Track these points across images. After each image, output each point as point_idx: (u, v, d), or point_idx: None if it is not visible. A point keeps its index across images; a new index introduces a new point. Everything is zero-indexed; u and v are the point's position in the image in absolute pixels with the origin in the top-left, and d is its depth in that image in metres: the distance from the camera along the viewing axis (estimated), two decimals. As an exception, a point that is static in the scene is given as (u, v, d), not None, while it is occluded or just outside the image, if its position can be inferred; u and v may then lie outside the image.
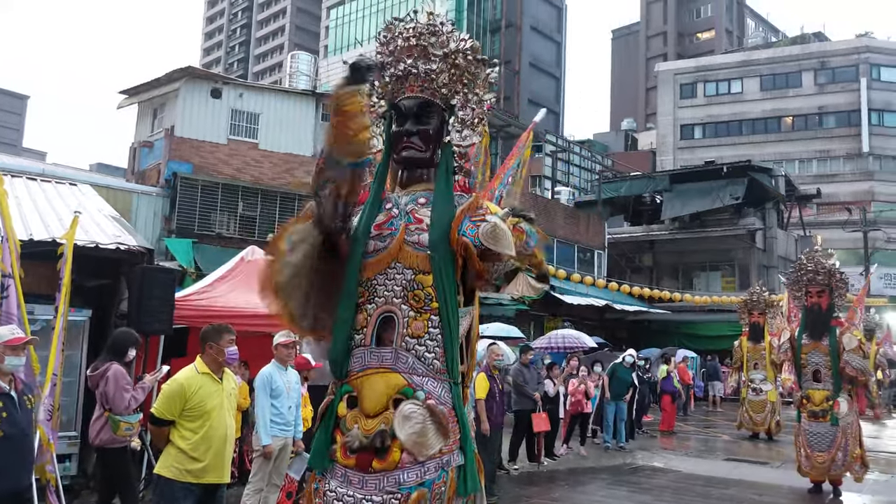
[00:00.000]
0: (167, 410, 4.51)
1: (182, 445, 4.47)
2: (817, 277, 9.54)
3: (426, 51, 3.12)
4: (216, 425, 4.53)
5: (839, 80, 44.29)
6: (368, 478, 2.74)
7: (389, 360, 2.85)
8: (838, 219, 36.06)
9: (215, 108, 19.21)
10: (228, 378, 4.81)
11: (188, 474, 4.45)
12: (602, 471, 10.87)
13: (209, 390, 4.59)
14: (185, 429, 4.50)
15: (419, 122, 3.11)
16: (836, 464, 9.17)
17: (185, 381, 4.56)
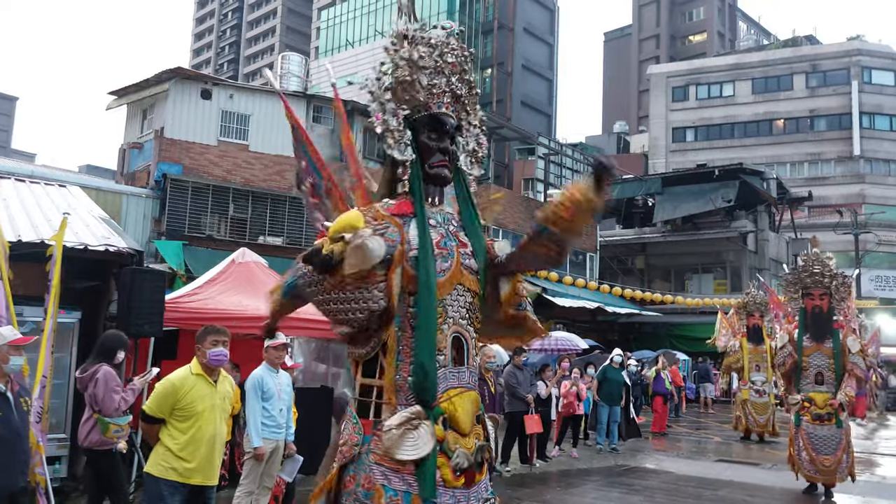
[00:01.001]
0: (158, 409, 4.51)
1: (170, 445, 4.47)
2: (823, 280, 9.50)
3: (464, 75, 3.23)
4: (206, 427, 4.51)
5: (830, 83, 44.53)
6: (471, 493, 2.93)
7: (466, 380, 3.02)
8: (829, 221, 36.25)
9: (205, 110, 19.13)
10: (224, 381, 4.78)
11: (175, 473, 4.43)
12: (594, 472, 10.87)
13: (201, 392, 4.57)
14: (174, 428, 4.49)
15: (451, 141, 3.17)
16: (841, 466, 9.16)
17: (178, 381, 4.55)
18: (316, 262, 2.84)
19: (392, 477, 2.81)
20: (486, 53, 48.10)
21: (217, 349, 4.64)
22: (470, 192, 3.25)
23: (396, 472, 2.82)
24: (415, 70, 3.07)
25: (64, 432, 7.44)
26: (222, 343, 4.67)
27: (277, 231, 18.04)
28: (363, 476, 2.84)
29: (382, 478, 2.81)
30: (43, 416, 5.87)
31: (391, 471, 2.82)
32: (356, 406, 3.01)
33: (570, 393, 12.02)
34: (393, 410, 2.88)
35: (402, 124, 3.08)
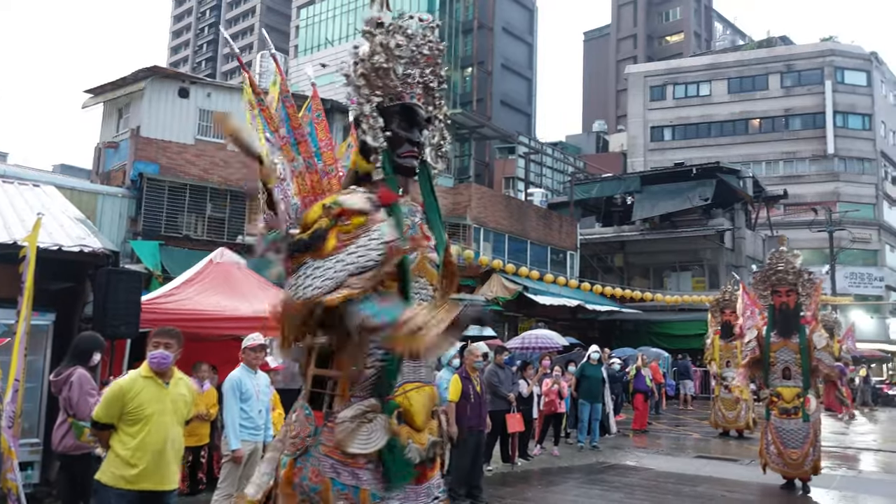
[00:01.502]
0: (105, 414, 4.36)
1: (119, 450, 4.33)
2: (787, 277, 9.72)
3: (437, 68, 3.21)
4: (155, 431, 4.37)
5: (805, 82, 45.13)
6: (420, 489, 2.90)
7: (424, 375, 2.98)
8: (804, 219, 36.76)
9: (182, 108, 18.94)
10: (178, 384, 4.61)
11: (123, 480, 4.29)
12: (575, 470, 10.90)
13: (150, 395, 4.41)
14: (124, 433, 4.36)
15: (420, 133, 3.16)
16: (808, 459, 9.31)
17: (125, 385, 4.40)
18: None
19: (342, 470, 2.77)
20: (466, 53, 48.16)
21: (157, 351, 4.44)
22: (433, 186, 3.23)
23: (346, 465, 2.78)
24: (391, 58, 3.05)
25: (37, 437, 7.32)
26: (164, 345, 4.46)
27: (257, 231, 17.86)
28: (311, 469, 2.79)
29: (332, 471, 2.77)
30: (15, 420, 5.76)
31: (341, 464, 2.78)
32: (307, 397, 2.96)
33: (552, 391, 12.03)
34: (346, 403, 2.84)
35: (375, 111, 3.06)
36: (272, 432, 6.50)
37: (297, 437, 2.89)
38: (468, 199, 23.84)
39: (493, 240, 24.56)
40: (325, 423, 2.86)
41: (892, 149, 46.30)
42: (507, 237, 25.25)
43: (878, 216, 43.25)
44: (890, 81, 48.09)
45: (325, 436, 2.85)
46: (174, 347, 4.48)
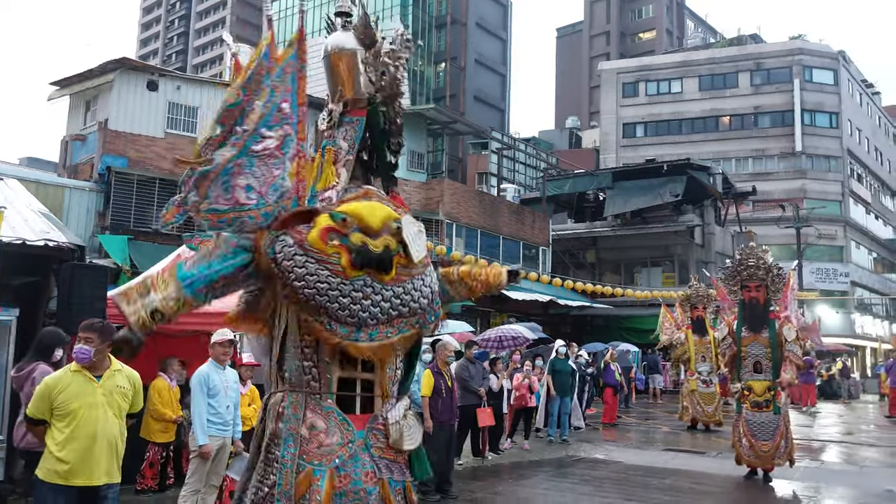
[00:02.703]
0: (37, 410, 4.32)
1: (51, 446, 4.28)
2: (758, 273, 9.87)
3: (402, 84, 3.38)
4: (83, 425, 4.30)
5: (774, 81, 45.77)
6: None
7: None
8: (772, 215, 37.33)
9: (152, 101, 18.67)
10: (115, 375, 4.51)
11: (56, 475, 4.24)
12: (545, 464, 10.99)
13: (78, 389, 4.34)
14: (55, 428, 4.31)
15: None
16: (779, 451, 9.49)
17: (52, 381, 4.36)
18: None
19: (394, 468, 3.01)
20: (440, 48, 48.11)
21: (79, 346, 4.36)
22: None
23: (396, 462, 3.04)
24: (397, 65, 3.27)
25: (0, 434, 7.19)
26: (84, 339, 4.36)
27: (227, 226, 17.69)
28: (362, 473, 2.93)
29: (387, 471, 2.99)
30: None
31: (392, 462, 3.02)
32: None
33: (523, 385, 12.11)
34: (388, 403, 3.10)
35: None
36: (241, 428, 6.47)
37: (331, 446, 2.90)
38: (440, 194, 23.85)
39: (465, 235, 24.61)
40: (372, 426, 2.99)
41: (858, 147, 47.19)
42: (480, 232, 25.32)
43: (844, 213, 44.08)
44: (856, 80, 48.96)
45: (372, 438, 2.98)
46: (96, 342, 4.36)
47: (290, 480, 2.86)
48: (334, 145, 3.27)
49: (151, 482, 7.71)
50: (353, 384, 3.05)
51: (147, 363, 8.11)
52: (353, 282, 2.84)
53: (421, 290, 2.96)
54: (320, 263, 2.86)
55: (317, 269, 2.84)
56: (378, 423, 3.01)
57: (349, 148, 3.28)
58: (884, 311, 48.45)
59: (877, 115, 52.21)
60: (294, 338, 3.03)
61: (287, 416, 2.98)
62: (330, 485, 2.84)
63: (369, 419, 3.00)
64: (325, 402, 2.98)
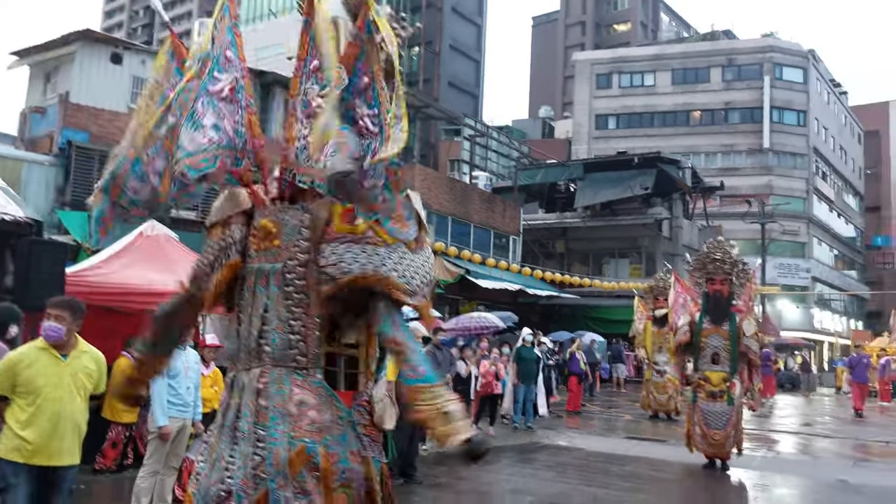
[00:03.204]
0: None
1: (11, 423, 4.19)
2: (724, 266, 10.04)
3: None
4: (48, 404, 4.22)
5: (745, 77, 46.33)
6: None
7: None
8: (739, 210, 37.87)
9: (115, 75, 18.19)
10: (82, 356, 4.45)
11: (16, 453, 4.15)
12: (509, 450, 11.06)
13: (43, 367, 4.25)
14: (17, 406, 4.21)
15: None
16: (729, 441, 9.68)
17: (16, 357, 4.26)
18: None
19: (374, 447, 2.97)
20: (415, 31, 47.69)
21: (48, 323, 4.25)
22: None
23: (376, 441, 2.99)
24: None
25: (-48, 411, 7.00)
26: (55, 317, 4.26)
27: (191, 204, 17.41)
28: (349, 452, 2.89)
29: (371, 449, 2.95)
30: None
31: (373, 441, 2.97)
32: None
33: (489, 372, 12.15)
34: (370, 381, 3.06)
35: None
36: (202, 409, 6.38)
37: (320, 423, 2.82)
38: (412, 179, 23.74)
39: (436, 222, 24.54)
40: (357, 404, 2.94)
41: (823, 145, 48.06)
42: (451, 220, 25.28)
43: (808, 210, 44.93)
44: (825, 79, 49.78)
45: (357, 415, 2.92)
46: (67, 320, 4.27)
47: (281, 458, 2.76)
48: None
49: (111, 462, 7.59)
50: (335, 360, 2.98)
51: (109, 342, 7.97)
52: (395, 248, 2.83)
53: (429, 260, 2.98)
54: (358, 243, 2.83)
55: (360, 249, 2.82)
56: (363, 399, 2.95)
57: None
58: (842, 307, 49.62)
59: (843, 115, 53.19)
60: (279, 310, 2.90)
61: (271, 393, 2.86)
62: (326, 460, 2.77)
63: (354, 395, 2.94)
64: (313, 378, 2.88)
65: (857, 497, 8.54)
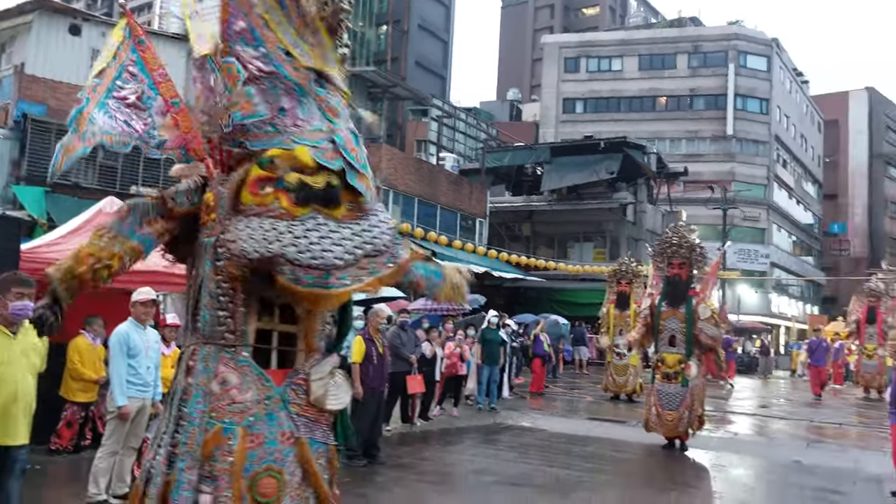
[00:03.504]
0: None
1: None
2: (680, 250, 10.22)
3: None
4: (2, 383, 4.12)
5: (710, 64, 46.78)
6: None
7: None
8: (702, 196, 38.40)
9: (74, 47, 17.65)
10: (28, 333, 4.33)
11: None
12: (472, 431, 11.13)
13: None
14: None
15: None
16: (682, 422, 9.89)
17: None
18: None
19: (315, 428, 2.87)
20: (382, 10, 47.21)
21: (21, 302, 4.15)
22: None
23: (318, 423, 2.89)
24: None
25: None
26: (28, 296, 4.17)
27: (151, 181, 17.07)
28: (278, 433, 2.80)
29: (307, 430, 2.85)
30: None
31: (314, 422, 2.88)
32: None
33: (454, 354, 12.18)
34: (312, 359, 2.93)
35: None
36: (161, 389, 6.28)
37: (244, 402, 2.72)
38: (378, 159, 23.55)
39: (402, 203, 24.44)
40: (291, 381, 2.80)
41: (785, 133, 48.89)
42: (417, 201, 25.20)
43: (768, 197, 45.78)
44: (788, 68, 50.53)
45: (291, 394, 2.79)
46: (33, 297, 4.15)
47: (196, 439, 2.69)
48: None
49: (67, 442, 7.45)
50: (270, 336, 2.87)
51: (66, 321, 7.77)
52: (303, 220, 2.58)
53: (379, 225, 2.71)
54: (260, 217, 2.61)
55: (259, 223, 2.59)
56: (299, 377, 2.84)
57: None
58: (799, 293, 50.82)
59: (804, 104, 54.13)
60: (210, 286, 2.80)
61: (197, 371, 2.79)
62: (243, 442, 2.67)
63: (289, 374, 2.84)
64: (239, 356, 2.79)
65: (810, 477, 8.78)
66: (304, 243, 2.55)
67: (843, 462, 9.85)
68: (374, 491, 7.08)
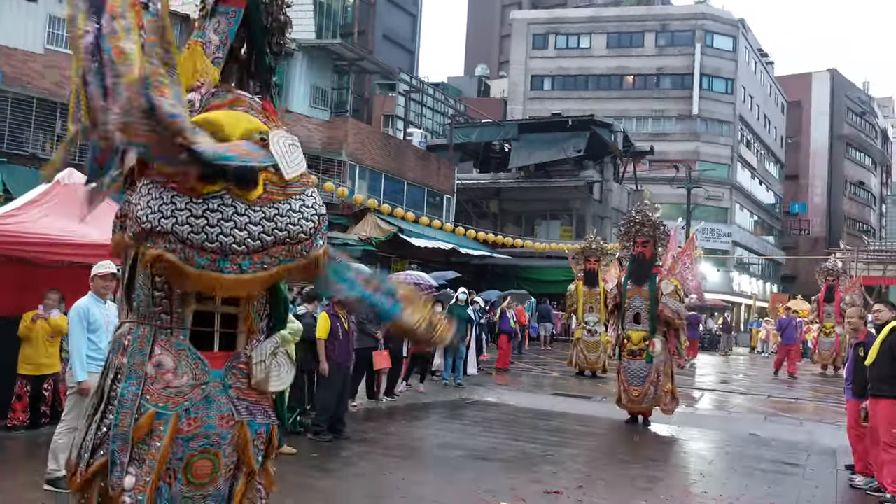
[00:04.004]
0: None
1: None
2: (643, 229, 10.35)
3: None
4: None
5: (677, 43, 47.03)
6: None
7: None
8: (667, 175, 38.79)
9: (30, 13, 17.02)
10: None
11: None
12: (438, 406, 11.18)
13: None
14: None
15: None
16: (647, 397, 10.08)
17: None
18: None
19: (256, 410, 2.80)
20: (350, -19, 46.32)
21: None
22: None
23: (260, 404, 2.82)
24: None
25: None
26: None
27: (114, 154, 16.66)
28: (217, 416, 2.74)
29: (247, 413, 2.80)
30: None
31: (255, 404, 2.81)
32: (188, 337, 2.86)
33: (420, 330, 12.17)
34: (253, 341, 2.85)
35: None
36: (123, 364, 6.17)
37: (179, 387, 2.64)
38: (344, 134, 23.31)
39: (368, 178, 24.25)
40: (232, 365, 2.73)
41: (749, 114, 49.52)
42: (384, 176, 25.02)
43: (732, 176, 46.44)
44: (753, 49, 51.06)
45: (232, 378, 2.72)
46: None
47: (128, 422, 2.61)
48: (203, 38, 2.83)
49: (22, 416, 7.31)
50: (212, 319, 2.76)
51: (24, 295, 7.60)
52: (206, 200, 2.43)
53: (302, 210, 2.56)
54: (165, 186, 2.45)
55: (160, 193, 2.44)
56: (240, 361, 2.76)
57: (220, 44, 2.85)
58: (759, 271, 51.88)
59: (769, 84, 54.83)
60: (144, 263, 2.64)
61: (132, 351, 2.69)
62: (173, 429, 2.60)
63: (230, 357, 2.76)
64: (176, 339, 2.69)
65: (767, 450, 9.00)
66: (201, 224, 2.41)
67: (799, 435, 10.13)
68: (340, 465, 7.08)
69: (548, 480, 6.80)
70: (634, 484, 6.93)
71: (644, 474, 7.35)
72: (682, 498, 6.52)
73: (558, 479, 6.86)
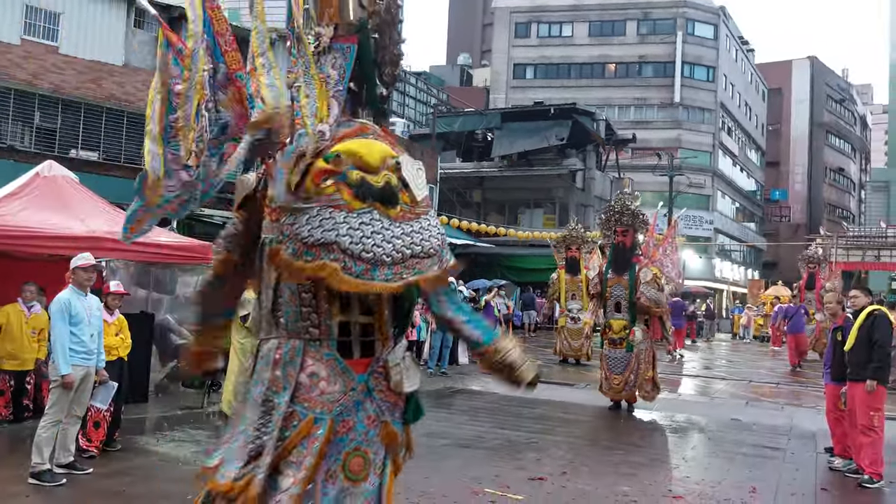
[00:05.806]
0: None
1: None
2: (623, 218, 10.43)
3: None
4: None
5: (659, 31, 47.18)
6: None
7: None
8: (649, 163, 39.00)
9: (6, 2, 16.79)
10: None
11: None
12: (423, 395, 11.03)
13: None
14: None
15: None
16: (628, 385, 10.19)
17: None
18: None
19: (395, 410, 2.99)
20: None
21: None
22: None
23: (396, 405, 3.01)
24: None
25: None
26: None
27: (93, 145, 16.49)
28: (365, 417, 2.91)
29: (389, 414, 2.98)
30: None
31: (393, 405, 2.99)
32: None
33: (406, 320, 12.21)
34: (388, 346, 3.01)
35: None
36: (104, 357, 6.15)
37: (332, 393, 2.85)
38: (329, 124, 23.15)
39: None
40: (374, 370, 2.94)
41: (730, 101, 49.82)
42: (367, 166, 24.91)
43: (713, 164, 46.76)
44: (734, 36, 51.31)
45: (374, 381, 2.94)
46: None
47: (289, 429, 2.81)
48: (323, 72, 2.96)
49: (5, 411, 7.28)
50: (350, 329, 2.96)
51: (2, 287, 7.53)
52: (359, 213, 2.68)
53: (429, 229, 2.82)
54: (321, 206, 2.70)
55: (318, 210, 2.69)
56: (379, 365, 2.97)
57: (339, 78, 3.00)
58: (741, 258, 52.38)
59: (749, 72, 55.16)
60: (290, 283, 2.87)
61: (284, 363, 2.89)
62: (329, 431, 2.81)
63: (371, 363, 2.96)
64: (325, 349, 2.89)
65: (748, 434, 9.13)
66: (358, 235, 2.66)
67: (780, 419, 10.28)
68: (327, 456, 7.09)
69: (532, 467, 6.87)
70: (618, 470, 7.01)
71: (627, 460, 7.43)
72: (665, 483, 6.61)
73: (542, 466, 6.93)
